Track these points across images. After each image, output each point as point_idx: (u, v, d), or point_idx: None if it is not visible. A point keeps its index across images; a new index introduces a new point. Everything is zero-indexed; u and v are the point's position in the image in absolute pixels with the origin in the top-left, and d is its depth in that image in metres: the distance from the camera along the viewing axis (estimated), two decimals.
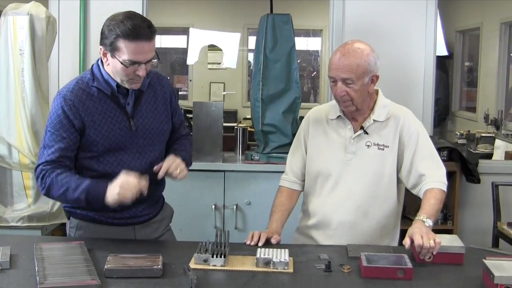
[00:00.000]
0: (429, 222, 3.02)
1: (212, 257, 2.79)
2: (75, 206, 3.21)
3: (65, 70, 5.44)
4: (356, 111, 3.32)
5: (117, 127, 3.12)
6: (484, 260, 2.66)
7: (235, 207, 5.19)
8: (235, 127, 5.70)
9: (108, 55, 3.01)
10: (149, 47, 2.98)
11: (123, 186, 2.93)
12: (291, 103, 5.16)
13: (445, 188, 3.25)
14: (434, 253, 2.86)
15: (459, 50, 11.51)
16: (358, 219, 3.34)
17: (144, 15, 5.30)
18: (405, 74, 5.45)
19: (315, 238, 3.41)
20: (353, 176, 3.34)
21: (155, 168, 3.12)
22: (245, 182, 5.13)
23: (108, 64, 3.05)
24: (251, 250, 2.95)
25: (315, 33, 12.38)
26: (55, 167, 3.05)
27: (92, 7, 5.42)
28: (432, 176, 3.25)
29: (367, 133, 3.34)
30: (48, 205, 4.63)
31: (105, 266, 2.65)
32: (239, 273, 2.73)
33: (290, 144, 5.14)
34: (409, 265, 2.72)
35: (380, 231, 3.37)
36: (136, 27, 2.92)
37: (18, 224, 4.55)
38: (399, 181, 3.38)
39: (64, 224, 4.90)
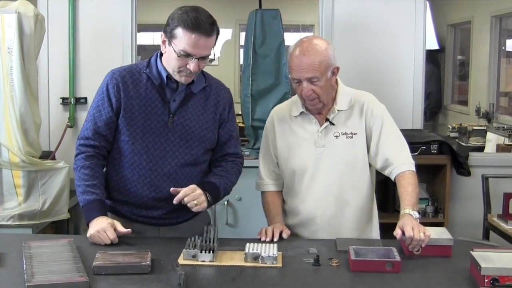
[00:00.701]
0: (416, 214, 3.04)
1: (201, 252, 2.79)
2: (105, 196, 3.22)
3: (54, 68, 5.44)
4: (322, 107, 3.33)
5: (154, 119, 3.14)
6: (471, 252, 2.66)
7: (226, 202, 5.19)
8: None
9: (166, 42, 3.06)
10: (205, 43, 3.00)
11: (99, 232, 3.01)
12: (280, 98, 5.15)
13: (414, 168, 3.27)
14: (423, 245, 2.87)
15: (450, 43, 11.52)
16: (339, 210, 3.35)
17: (133, 12, 5.32)
18: (394, 68, 5.46)
19: (300, 235, 3.41)
20: (327, 168, 3.34)
21: (171, 189, 3.09)
22: None
23: (165, 52, 3.10)
24: (240, 245, 2.94)
25: (307, 28, 12.36)
26: (88, 155, 3.16)
27: (81, 5, 5.41)
28: (398, 158, 3.28)
29: (333, 124, 3.34)
30: (38, 203, 4.62)
31: (94, 263, 2.65)
32: (228, 268, 2.73)
33: None
34: (397, 258, 2.73)
35: (364, 218, 3.40)
36: (197, 20, 2.96)
37: (9, 222, 4.53)
38: (369, 164, 3.40)
39: (54, 222, 4.90)
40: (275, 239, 3.14)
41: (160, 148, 3.16)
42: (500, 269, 2.50)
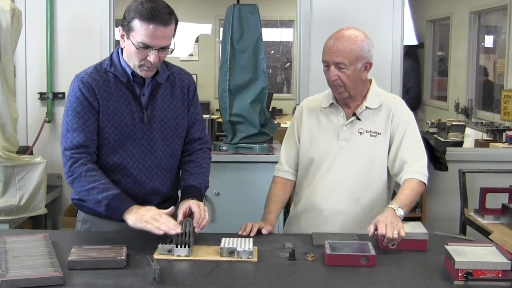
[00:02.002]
0: (400, 212, 3.03)
1: (176, 247, 2.79)
2: (83, 199, 3.14)
3: (32, 63, 5.41)
4: (349, 97, 3.35)
5: (129, 116, 3.10)
6: (446, 246, 2.68)
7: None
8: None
9: (125, 36, 3.00)
10: (164, 32, 2.93)
11: (160, 217, 2.88)
12: (258, 93, 5.15)
13: (425, 180, 3.29)
14: (396, 243, 2.89)
15: (430, 39, 11.57)
16: (349, 207, 3.36)
17: (111, 7, 5.30)
18: (372, 63, 5.45)
19: (306, 226, 3.42)
20: (345, 163, 3.36)
21: (168, 210, 2.99)
22: (213, 172, 5.07)
23: (124, 47, 3.04)
24: (215, 239, 2.94)
25: (286, 24, 12.38)
26: (86, 160, 3.04)
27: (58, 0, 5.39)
28: (413, 165, 3.28)
29: (359, 119, 3.36)
30: (15, 198, 4.60)
31: (69, 258, 2.64)
32: (203, 262, 2.74)
33: (258, 134, 5.18)
34: (373, 252, 2.74)
35: (372, 219, 3.33)
36: (153, 10, 2.89)
37: None
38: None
39: (32, 217, 4.89)
40: (252, 234, 3.14)
41: (138, 145, 3.15)
42: (474, 262, 2.52)
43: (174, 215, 3.00)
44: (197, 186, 3.21)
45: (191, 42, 12.23)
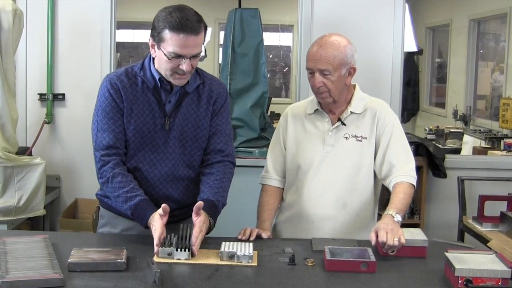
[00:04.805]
0: (398, 217, 3.04)
1: (176, 250, 2.79)
2: (104, 195, 3.20)
3: (33, 64, 5.40)
4: (333, 103, 3.34)
5: (152, 122, 3.10)
6: (445, 253, 2.68)
7: None
8: None
9: (155, 46, 2.99)
10: (195, 41, 2.93)
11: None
12: (259, 97, 5.17)
13: (414, 182, 3.27)
14: (395, 250, 2.89)
15: (429, 46, 11.59)
16: (336, 212, 3.35)
17: (113, 9, 5.29)
18: (373, 69, 5.46)
19: (293, 232, 3.41)
20: (331, 168, 3.35)
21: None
22: None
23: (156, 56, 3.03)
24: (215, 243, 2.94)
25: (287, 28, 12.40)
26: (114, 163, 3.05)
27: (60, 1, 5.37)
28: (401, 168, 3.27)
29: (344, 124, 3.35)
30: (14, 199, 4.60)
31: (69, 260, 2.64)
32: (203, 266, 2.73)
33: (257, 138, 5.18)
34: (372, 258, 2.74)
35: (359, 223, 3.38)
36: (183, 20, 2.88)
37: None
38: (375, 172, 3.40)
39: (30, 219, 4.88)
40: (251, 238, 3.14)
41: (158, 151, 3.14)
42: (474, 270, 2.52)
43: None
44: (215, 202, 3.12)
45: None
